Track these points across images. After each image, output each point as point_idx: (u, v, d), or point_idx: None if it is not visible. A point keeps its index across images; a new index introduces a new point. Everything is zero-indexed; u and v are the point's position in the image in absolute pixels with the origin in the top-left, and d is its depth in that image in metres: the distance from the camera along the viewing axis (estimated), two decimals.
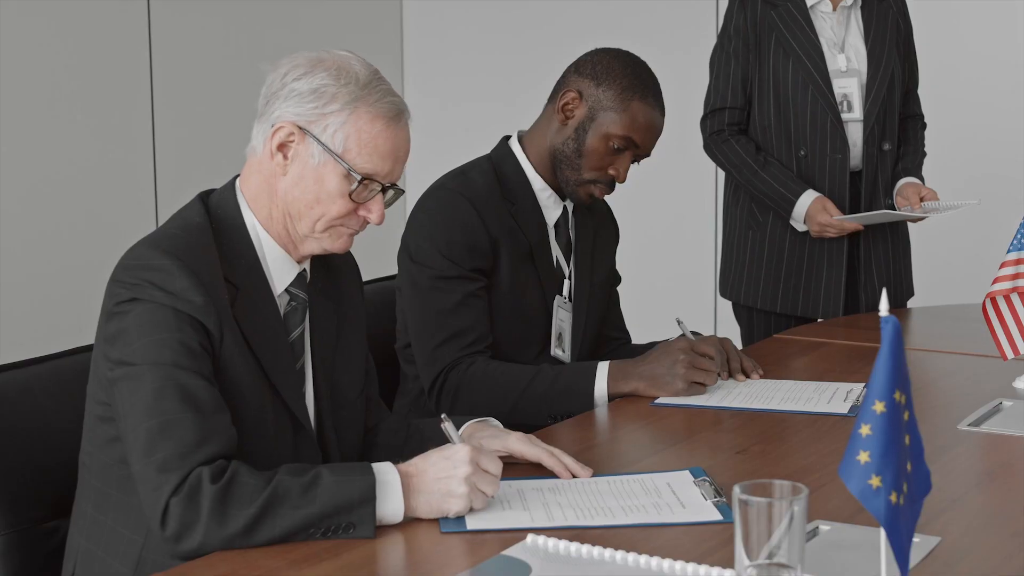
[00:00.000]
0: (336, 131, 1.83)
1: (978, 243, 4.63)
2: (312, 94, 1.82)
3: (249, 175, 1.90)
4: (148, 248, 1.79)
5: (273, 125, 1.84)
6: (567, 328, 2.58)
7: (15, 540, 1.92)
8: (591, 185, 2.50)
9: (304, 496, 1.66)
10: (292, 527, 1.66)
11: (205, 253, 1.80)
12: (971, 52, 4.81)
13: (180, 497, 1.65)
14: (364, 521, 1.68)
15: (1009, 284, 2.45)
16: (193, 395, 1.71)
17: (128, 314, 1.75)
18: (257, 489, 1.66)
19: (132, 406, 1.71)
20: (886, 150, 3.36)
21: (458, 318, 2.42)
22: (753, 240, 3.40)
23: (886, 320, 1.31)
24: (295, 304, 1.92)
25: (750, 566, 1.40)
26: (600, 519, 1.76)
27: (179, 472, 1.67)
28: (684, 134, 3.77)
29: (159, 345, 1.72)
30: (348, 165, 1.83)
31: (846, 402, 2.35)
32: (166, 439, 1.68)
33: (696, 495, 1.85)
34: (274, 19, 5.08)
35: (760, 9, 3.32)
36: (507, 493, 1.83)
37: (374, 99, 1.84)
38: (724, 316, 4.72)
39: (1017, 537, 1.70)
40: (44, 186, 4.43)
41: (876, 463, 1.30)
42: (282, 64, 1.87)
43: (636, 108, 2.46)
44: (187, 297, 1.75)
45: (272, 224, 1.88)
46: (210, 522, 1.64)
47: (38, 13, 4.39)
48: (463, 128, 5.39)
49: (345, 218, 1.87)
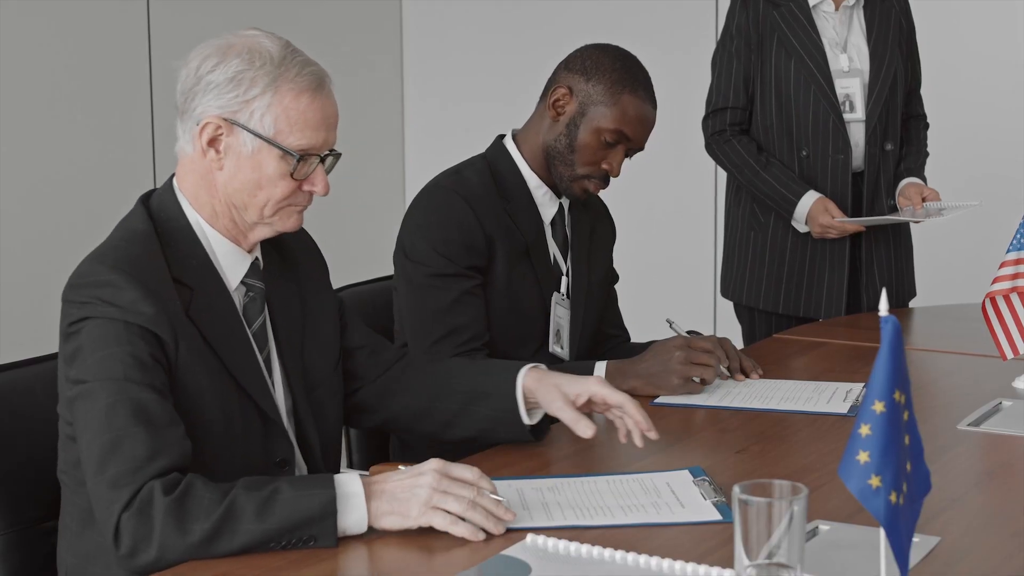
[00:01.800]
0: (263, 115, 1.80)
1: (978, 243, 4.63)
2: (230, 83, 1.80)
3: (184, 175, 1.88)
4: (94, 263, 1.77)
5: (198, 123, 1.82)
6: (565, 325, 2.58)
7: (15, 540, 1.92)
8: (585, 180, 2.50)
9: (262, 512, 1.63)
10: (251, 542, 1.63)
11: (152, 260, 1.79)
12: (972, 52, 4.81)
13: (131, 512, 1.63)
14: (325, 534, 1.65)
15: (1009, 284, 2.45)
16: (144, 409, 1.69)
17: (81, 332, 1.74)
18: (213, 502, 1.63)
19: (86, 424, 1.70)
20: (888, 150, 3.35)
21: (454, 315, 2.42)
22: (755, 241, 3.40)
23: (886, 320, 1.31)
24: (253, 295, 1.90)
25: (750, 566, 1.40)
26: (599, 519, 1.76)
27: (130, 488, 1.64)
28: (685, 134, 3.77)
29: (110, 360, 1.71)
30: (283, 146, 1.81)
31: (845, 402, 2.35)
32: (117, 455, 1.66)
33: (695, 495, 1.85)
34: (274, 19, 5.08)
35: (762, 9, 3.31)
36: (506, 493, 1.82)
37: (293, 74, 1.81)
38: (724, 316, 4.72)
39: (1017, 537, 1.70)
40: (44, 186, 4.43)
41: (876, 463, 1.30)
42: (192, 58, 1.84)
43: (626, 101, 2.46)
44: (137, 309, 1.73)
45: (218, 219, 1.87)
46: (164, 535, 1.62)
47: (38, 13, 4.39)
48: (463, 128, 5.39)
49: (291, 197, 1.86)
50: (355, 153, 5.70)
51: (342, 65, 5.49)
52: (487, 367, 2.14)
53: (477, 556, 1.63)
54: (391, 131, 5.82)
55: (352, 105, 5.60)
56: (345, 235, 5.12)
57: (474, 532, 1.68)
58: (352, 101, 5.60)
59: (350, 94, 6.17)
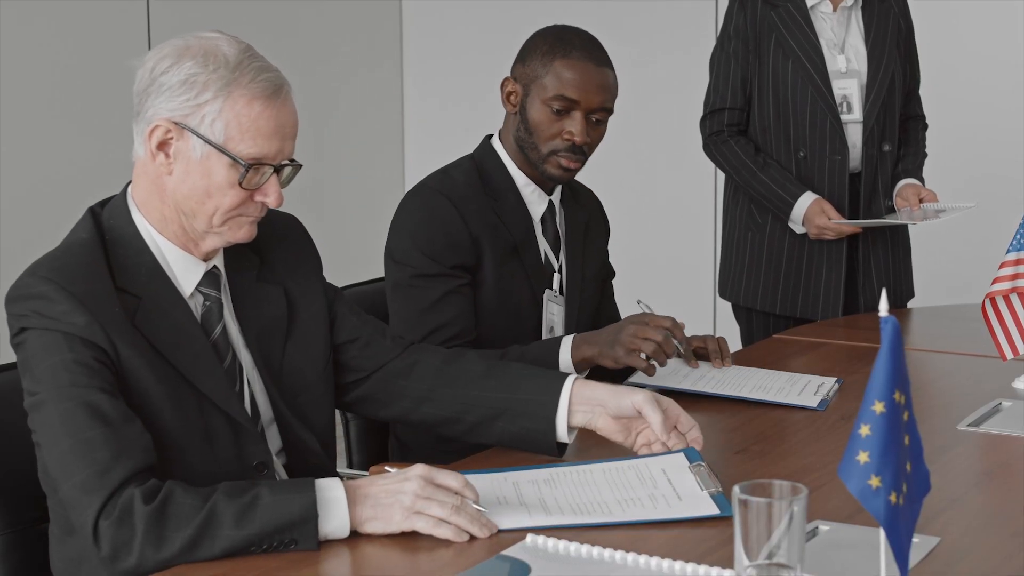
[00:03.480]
0: (214, 120, 1.75)
1: (977, 243, 4.63)
2: (182, 86, 1.75)
3: (137, 179, 1.85)
4: (29, 276, 1.76)
5: (149, 125, 1.79)
6: (559, 321, 2.58)
7: (14, 540, 1.92)
8: (553, 156, 2.48)
9: (243, 518, 1.62)
10: (231, 547, 1.63)
11: (88, 271, 1.76)
12: (971, 52, 4.81)
13: (112, 520, 1.62)
14: (306, 537, 1.64)
15: (1008, 284, 2.45)
16: (98, 410, 1.68)
17: (24, 344, 1.74)
18: (194, 509, 1.62)
19: (44, 433, 1.70)
20: (886, 151, 3.35)
21: (439, 314, 2.42)
22: (752, 241, 3.40)
23: (886, 320, 1.31)
24: (209, 303, 1.87)
25: (750, 566, 1.40)
26: (597, 516, 1.75)
27: (101, 492, 1.64)
28: (684, 134, 3.77)
29: (55, 369, 1.70)
30: (232, 154, 1.76)
31: (816, 395, 2.36)
32: (81, 459, 1.65)
33: (692, 484, 1.84)
34: (274, 19, 5.08)
35: (760, 10, 3.31)
36: (502, 487, 1.83)
37: (247, 79, 1.76)
38: (724, 316, 4.72)
39: (1016, 537, 1.70)
40: (44, 186, 4.43)
41: (876, 463, 1.30)
42: (149, 58, 1.81)
43: (559, 66, 2.46)
44: (69, 320, 1.71)
45: (167, 226, 1.83)
46: (145, 544, 1.61)
47: (38, 13, 4.39)
48: (463, 128, 5.38)
49: (241, 207, 1.81)
50: (355, 153, 5.74)
51: (342, 65, 5.53)
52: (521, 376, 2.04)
53: (477, 556, 1.63)
54: (391, 131, 5.82)
55: (352, 105, 5.64)
56: (345, 235, 5.12)
57: (457, 533, 1.68)
58: (352, 101, 5.63)
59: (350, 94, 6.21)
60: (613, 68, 2.51)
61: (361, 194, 5.52)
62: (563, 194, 2.64)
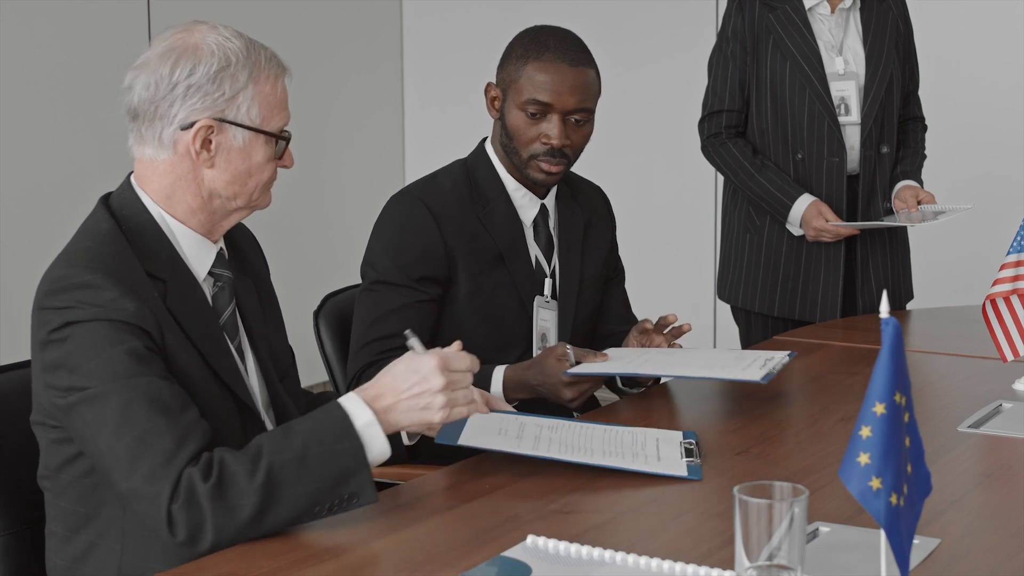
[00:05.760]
0: (248, 107, 1.85)
1: (977, 244, 4.64)
2: (211, 83, 1.83)
3: (153, 177, 1.88)
4: (67, 268, 1.77)
5: (184, 127, 1.83)
6: (552, 327, 2.55)
7: (15, 541, 1.92)
8: (534, 161, 2.47)
9: (300, 473, 1.68)
10: (296, 507, 1.68)
11: (122, 258, 1.79)
12: (971, 53, 4.81)
13: (179, 504, 1.65)
14: (364, 489, 1.71)
15: (1009, 286, 2.45)
16: (158, 400, 1.70)
17: (66, 340, 1.73)
18: (248, 473, 1.66)
19: (100, 427, 1.70)
20: (884, 153, 3.35)
21: (386, 325, 2.41)
22: (751, 243, 3.40)
23: (886, 322, 1.31)
24: (221, 284, 1.92)
25: (750, 567, 1.40)
26: (579, 456, 1.93)
27: (168, 479, 1.66)
28: (684, 136, 3.78)
29: (109, 362, 1.71)
30: (270, 132, 1.87)
31: (763, 368, 2.30)
32: (146, 450, 1.67)
33: (676, 454, 2.00)
34: (274, 19, 5.08)
35: (758, 11, 3.31)
36: (509, 422, 2.04)
37: (264, 62, 1.87)
38: (724, 318, 4.72)
39: (1017, 538, 1.71)
40: (44, 186, 4.43)
41: (876, 465, 1.30)
42: (154, 64, 1.85)
43: (531, 70, 2.45)
44: (118, 306, 1.73)
45: (193, 216, 1.88)
46: (216, 519, 1.65)
47: (38, 13, 4.39)
48: (463, 129, 5.38)
49: (271, 176, 1.92)
50: (355, 154, 5.75)
51: (342, 66, 5.53)
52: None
53: (477, 557, 1.63)
54: (391, 132, 5.82)
55: (352, 106, 5.64)
56: (345, 236, 5.12)
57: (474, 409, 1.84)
58: (352, 102, 5.63)
59: (350, 95, 6.22)
60: (593, 66, 2.48)
61: (361, 195, 5.52)
62: (560, 194, 2.61)
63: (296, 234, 5.15)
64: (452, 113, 5.64)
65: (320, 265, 5.14)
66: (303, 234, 5.23)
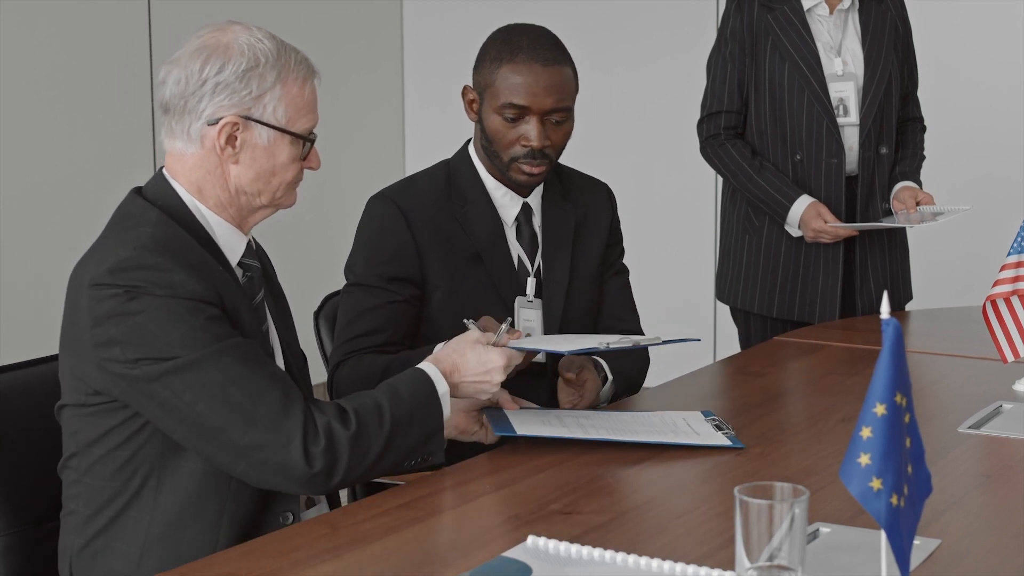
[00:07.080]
0: (275, 107, 1.89)
1: (977, 246, 4.64)
2: (239, 81, 1.87)
3: (184, 170, 1.91)
4: (132, 251, 1.79)
5: (211, 123, 1.86)
6: (536, 327, 2.51)
7: (15, 541, 1.92)
8: (515, 164, 2.45)
9: (411, 423, 1.87)
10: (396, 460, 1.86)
11: (182, 241, 1.84)
12: (970, 54, 4.81)
13: (320, 448, 1.77)
14: (437, 450, 1.91)
15: (1009, 287, 2.45)
16: (251, 356, 1.79)
17: (136, 314, 1.76)
18: (378, 425, 1.83)
19: (198, 393, 1.75)
20: (883, 154, 3.35)
21: (360, 324, 2.42)
22: (749, 244, 3.40)
23: (887, 322, 1.31)
24: (250, 274, 1.96)
25: (751, 568, 1.40)
26: (627, 436, 2.08)
27: (294, 423, 1.76)
28: (684, 136, 3.77)
29: (191, 332, 1.76)
30: (296, 133, 1.91)
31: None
32: (260, 402, 1.76)
33: (709, 428, 2.16)
34: (274, 19, 5.08)
35: (757, 12, 3.31)
36: (544, 415, 2.18)
37: (293, 64, 1.92)
38: (723, 319, 4.72)
39: (1017, 538, 1.71)
40: (44, 186, 4.43)
41: (877, 465, 1.30)
42: (185, 60, 1.88)
43: (505, 73, 2.44)
44: (188, 287, 1.78)
45: (224, 209, 1.92)
46: (350, 461, 1.80)
47: (38, 13, 4.39)
48: (463, 129, 5.38)
49: (296, 176, 1.96)
50: (356, 154, 5.74)
51: (343, 66, 5.53)
52: None
53: (477, 557, 1.63)
54: (391, 132, 5.83)
55: (353, 106, 5.64)
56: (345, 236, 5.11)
57: None
58: (353, 102, 5.63)
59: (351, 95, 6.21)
60: (568, 63, 2.44)
61: (361, 195, 5.50)
62: (547, 192, 2.57)
63: (296, 234, 5.15)
64: (452, 113, 5.62)
65: (320, 265, 5.13)
66: (303, 234, 5.23)
